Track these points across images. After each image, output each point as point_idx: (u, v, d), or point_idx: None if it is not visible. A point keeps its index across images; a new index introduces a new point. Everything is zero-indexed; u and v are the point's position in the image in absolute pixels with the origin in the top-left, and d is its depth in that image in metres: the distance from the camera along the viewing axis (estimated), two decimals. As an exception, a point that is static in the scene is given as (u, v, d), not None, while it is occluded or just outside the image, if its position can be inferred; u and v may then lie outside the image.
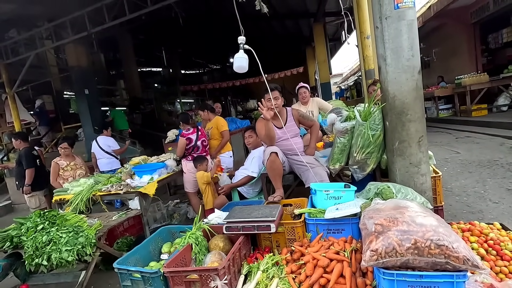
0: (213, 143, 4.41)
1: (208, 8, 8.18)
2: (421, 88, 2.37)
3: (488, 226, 2.23)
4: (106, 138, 5.21)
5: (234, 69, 2.70)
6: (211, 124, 4.41)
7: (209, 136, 4.34)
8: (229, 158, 4.37)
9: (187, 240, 2.24)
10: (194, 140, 3.88)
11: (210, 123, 4.44)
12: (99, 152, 5.12)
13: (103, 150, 5.10)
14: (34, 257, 2.36)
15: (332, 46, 14.39)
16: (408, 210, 1.69)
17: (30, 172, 4.37)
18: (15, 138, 4.71)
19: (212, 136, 4.35)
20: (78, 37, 5.70)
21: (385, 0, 2.29)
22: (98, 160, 5.14)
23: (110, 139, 5.26)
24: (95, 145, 5.16)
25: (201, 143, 3.97)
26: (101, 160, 5.11)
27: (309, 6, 9.32)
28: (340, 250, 1.96)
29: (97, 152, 5.13)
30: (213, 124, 4.39)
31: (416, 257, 1.43)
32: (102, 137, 5.21)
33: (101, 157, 5.12)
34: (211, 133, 4.35)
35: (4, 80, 6.93)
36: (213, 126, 4.37)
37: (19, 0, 5.27)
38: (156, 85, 12.75)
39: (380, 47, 2.40)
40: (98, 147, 5.11)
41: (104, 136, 5.23)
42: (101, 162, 5.10)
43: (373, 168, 2.74)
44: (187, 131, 3.89)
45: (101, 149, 5.10)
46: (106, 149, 5.11)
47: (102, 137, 5.21)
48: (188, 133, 3.87)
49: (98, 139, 5.18)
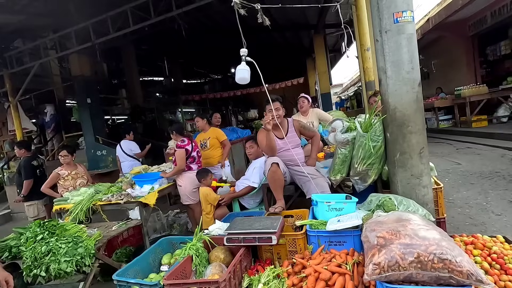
0: (213, 153, 4.44)
1: (211, 20, 8.33)
2: (421, 100, 2.39)
3: (491, 239, 2.21)
4: (129, 142, 5.50)
5: (236, 80, 2.73)
6: (209, 134, 4.47)
7: (207, 146, 4.36)
8: (227, 167, 4.45)
9: (187, 252, 2.22)
10: (190, 150, 3.86)
11: (206, 133, 4.50)
12: (122, 156, 5.42)
13: (126, 154, 5.39)
14: (33, 267, 2.33)
15: (332, 57, 14.54)
16: (411, 222, 1.68)
17: (28, 183, 4.43)
18: (19, 147, 4.78)
19: (212, 146, 4.38)
20: (82, 48, 5.80)
21: (385, 14, 2.34)
22: (121, 163, 5.41)
23: (133, 143, 5.54)
24: (118, 149, 5.47)
25: (196, 153, 3.94)
26: (124, 163, 5.38)
27: (309, 18, 9.47)
28: (342, 263, 1.94)
29: (121, 155, 5.44)
30: (211, 134, 4.46)
31: (420, 271, 1.42)
32: (125, 141, 5.49)
33: (124, 160, 5.40)
34: (210, 143, 4.38)
35: (7, 89, 7.00)
36: (211, 137, 4.44)
37: (27, 12, 5.38)
38: (157, 95, 12.84)
39: (380, 60, 2.44)
40: (122, 151, 5.41)
41: (127, 140, 5.51)
42: (124, 165, 5.36)
43: (374, 179, 2.74)
44: (182, 142, 3.83)
45: (124, 153, 5.39)
46: (128, 152, 5.40)
47: (125, 141, 5.49)
48: (184, 144, 3.82)
49: (121, 143, 5.48)
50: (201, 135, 4.55)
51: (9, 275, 1.83)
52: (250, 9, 3.30)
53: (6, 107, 8.21)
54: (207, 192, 3.47)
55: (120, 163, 5.45)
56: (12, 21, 5.71)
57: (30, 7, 5.28)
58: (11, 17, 5.52)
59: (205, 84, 15.78)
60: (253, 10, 3.35)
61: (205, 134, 4.49)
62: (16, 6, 5.15)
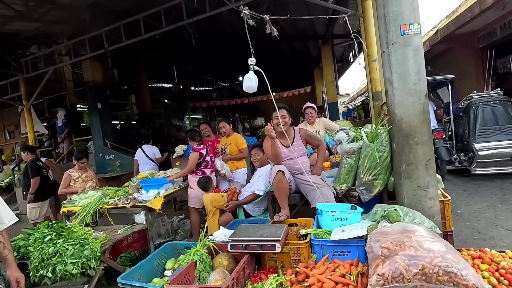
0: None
1: (220, 29, 8.49)
2: (428, 111, 2.39)
3: (499, 254, 2.17)
4: (151, 147, 5.83)
5: (244, 89, 2.78)
6: (230, 140, 4.45)
7: (227, 152, 4.38)
8: (243, 175, 4.40)
9: (191, 257, 2.23)
10: (204, 155, 3.95)
11: (228, 139, 4.48)
12: (143, 159, 5.65)
13: (148, 157, 5.64)
14: (40, 268, 2.37)
15: (340, 67, 14.59)
16: (416, 234, 1.67)
17: (35, 181, 4.64)
18: (23, 151, 5.06)
19: (231, 152, 4.39)
20: (95, 54, 5.97)
21: (392, 27, 2.37)
22: (141, 166, 5.59)
23: (155, 148, 5.88)
24: (140, 152, 5.72)
25: (209, 158, 4.03)
26: (144, 166, 5.56)
27: (317, 28, 9.57)
28: (346, 273, 1.92)
29: (142, 158, 5.66)
30: (232, 140, 4.43)
31: (424, 284, 1.41)
32: (148, 146, 5.80)
33: (145, 164, 5.61)
34: (229, 149, 4.40)
35: (22, 93, 7.21)
36: (232, 143, 4.40)
37: (44, 19, 5.59)
38: (166, 101, 13.04)
39: (387, 71, 2.46)
40: (144, 154, 5.67)
41: (149, 145, 5.83)
42: (144, 168, 5.52)
43: (380, 190, 2.73)
44: (198, 146, 3.97)
45: (147, 156, 5.65)
46: (151, 156, 5.68)
47: (148, 146, 5.80)
48: (199, 148, 3.95)
49: (143, 148, 5.75)
50: (224, 139, 4.58)
51: (22, 276, 1.79)
52: (258, 19, 3.37)
53: (20, 110, 8.43)
54: (214, 198, 3.49)
55: (138, 166, 5.63)
56: (29, 28, 5.94)
57: (47, 16, 5.49)
58: (29, 24, 5.75)
59: (212, 92, 15.96)
60: (261, 20, 3.43)
61: (227, 139, 4.51)
62: (34, 14, 5.36)
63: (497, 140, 5.14)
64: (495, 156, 5.06)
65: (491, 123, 5.33)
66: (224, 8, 4.76)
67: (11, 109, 9.74)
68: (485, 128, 5.32)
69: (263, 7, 5.29)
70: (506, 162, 4.99)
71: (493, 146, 5.12)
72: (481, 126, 5.34)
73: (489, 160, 5.08)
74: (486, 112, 5.42)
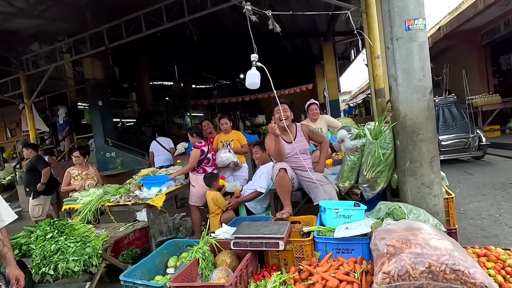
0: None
1: (221, 26, 8.44)
2: (432, 108, 2.36)
3: (505, 252, 2.15)
4: (165, 138, 6.19)
5: (246, 85, 2.75)
6: (232, 136, 4.52)
7: (230, 148, 4.40)
8: (245, 169, 4.46)
9: (194, 255, 2.22)
10: (206, 152, 3.93)
11: (229, 135, 4.53)
12: (159, 150, 5.93)
13: (164, 147, 5.94)
14: (41, 266, 2.35)
15: (341, 64, 14.53)
16: (422, 232, 1.65)
17: (47, 171, 4.79)
18: (26, 148, 5.12)
19: (234, 148, 4.43)
20: (96, 52, 5.94)
21: (396, 22, 2.33)
22: (156, 157, 5.88)
23: (169, 139, 6.24)
24: (155, 144, 6.02)
25: (211, 156, 4.02)
26: (159, 157, 5.87)
27: (319, 26, 9.51)
28: (350, 271, 1.90)
29: (157, 150, 5.95)
30: (234, 136, 4.52)
31: (431, 282, 1.39)
32: (162, 138, 6.15)
33: (160, 154, 5.90)
34: (233, 145, 4.46)
35: (23, 91, 7.20)
36: (234, 139, 4.49)
37: (44, 17, 5.56)
38: (167, 99, 13.01)
39: (391, 67, 2.42)
40: (160, 146, 5.97)
41: (163, 137, 6.20)
42: (159, 158, 5.84)
43: (383, 187, 2.70)
44: (200, 143, 3.95)
45: (163, 147, 5.94)
46: (166, 146, 5.98)
47: (162, 138, 6.15)
48: (201, 145, 3.92)
49: (158, 139, 6.07)
50: (222, 136, 4.58)
51: (21, 274, 1.79)
52: (261, 16, 3.34)
53: (21, 108, 8.42)
54: (217, 197, 3.49)
55: (154, 157, 5.89)
56: (30, 26, 5.91)
57: (48, 13, 5.45)
58: (30, 22, 5.71)
59: (213, 89, 15.92)
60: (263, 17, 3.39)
61: (227, 136, 4.53)
62: (35, 11, 5.33)
63: (454, 133, 6.58)
64: (453, 145, 6.53)
65: (449, 120, 6.79)
66: (225, 4, 4.72)
67: (12, 107, 9.74)
68: (445, 124, 6.75)
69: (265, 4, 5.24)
70: (461, 150, 6.48)
71: (451, 137, 6.56)
72: (442, 123, 6.74)
73: (449, 149, 6.52)
74: (446, 112, 6.90)
